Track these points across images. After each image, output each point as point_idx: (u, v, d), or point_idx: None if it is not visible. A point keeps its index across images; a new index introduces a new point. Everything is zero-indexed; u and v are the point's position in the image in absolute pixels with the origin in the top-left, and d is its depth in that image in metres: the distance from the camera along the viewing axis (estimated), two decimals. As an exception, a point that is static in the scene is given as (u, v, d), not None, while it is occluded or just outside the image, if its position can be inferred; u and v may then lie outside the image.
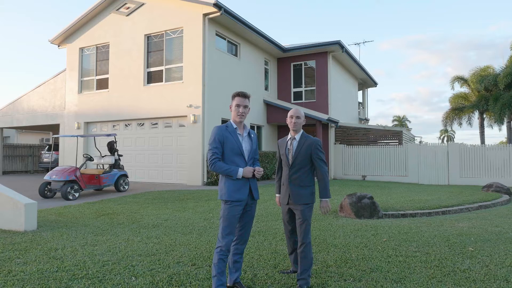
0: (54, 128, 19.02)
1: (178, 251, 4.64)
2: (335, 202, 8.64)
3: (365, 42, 25.28)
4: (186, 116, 13.22)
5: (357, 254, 4.56)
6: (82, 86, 16.10)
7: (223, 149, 3.29)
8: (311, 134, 18.32)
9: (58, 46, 16.65)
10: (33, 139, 25.65)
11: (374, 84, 25.73)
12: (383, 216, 7.17)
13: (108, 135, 10.94)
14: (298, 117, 3.72)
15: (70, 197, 9.50)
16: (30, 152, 21.57)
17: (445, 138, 63.62)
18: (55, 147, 18.68)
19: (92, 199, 9.69)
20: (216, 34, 13.92)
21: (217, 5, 12.47)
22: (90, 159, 10.78)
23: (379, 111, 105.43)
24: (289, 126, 3.75)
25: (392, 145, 16.46)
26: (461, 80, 27.11)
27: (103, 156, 11.53)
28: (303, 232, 3.51)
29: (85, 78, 16.05)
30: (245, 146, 3.39)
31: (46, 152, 19.23)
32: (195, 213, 7.51)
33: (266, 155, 15.21)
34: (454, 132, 63.64)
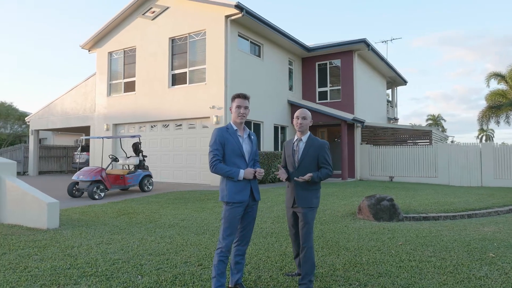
0: (86, 130, 19.76)
1: (188, 251, 4.70)
2: (355, 204, 8.46)
3: (393, 39, 24.45)
4: (209, 117, 13.37)
5: (368, 257, 4.44)
6: (111, 89, 16.65)
7: (224, 151, 3.30)
8: (336, 134, 18.06)
9: (89, 51, 17.31)
10: (68, 141, 26.77)
11: (404, 82, 24.98)
12: (403, 218, 6.94)
13: (133, 136, 11.24)
14: (304, 118, 3.66)
15: (96, 197, 9.83)
16: (64, 153, 22.54)
17: (483, 138, 60.82)
18: (87, 148, 19.43)
19: (116, 198, 9.99)
20: (239, 35, 13.99)
21: (239, 7, 12.53)
22: (116, 160, 11.12)
23: (413, 110, 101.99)
24: (295, 127, 3.70)
25: (420, 145, 15.93)
26: (498, 76, 25.83)
27: (128, 157, 11.86)
28: (304, 235, 3.46)
29: (113, 81, 16.59)
30: (246, 147, 3.38)
31: (78, 153, 20.00)
32: (212, 213, 7.57)
33: (290, 155, 15.09)
34: (493, 131, 60.65)
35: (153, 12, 15.08)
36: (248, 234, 3.43)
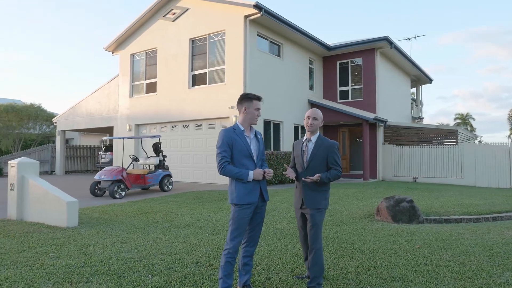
0: (110, 130, 20.22)
1: (200, 251, 4.71)
2: (374, 205, 8.26)
3: (417, 36, 23.78)
4: (228, 117, 13.41)
5: (382, 261, 4.31)
6: (133, 90, 16.98)
7: (232, 152, 3.27)
8: (358, 134, 17.76)
9: (112, 53, 17.71)
10: (94, 141, 27.50)
11: (429, 80, 24.29)
12: (423, 221, 6.73)
13: (153, 136, 11.41)
14: (315, 118, 3.60)
15: (117, 196, 10.03)
16: (89, 153, 23.18)
17: (516, 137, 58.27)
18: (111, 148, 19.89)
19: (136, 198, 10.16)
20: (258, 35, 13.97)
21: (258, 6, 12.51)
22: (136, 159, 11.32)
23: (440, 108, 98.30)
24: (305, 127, 3.66)
25: (445, 145, 15.44)
26: (530, 73, 24.73)
27: (148, 157, 12.05)
28: (312, 237, 3.39)
29: (135, 83, 16.91)
30: (253, 147, 3.35)
31: (102, 153, 20.49)
32: (229, 213, 7.57)
33: (310, 155, 14.95)
34: (526, 130, 57.95)
35: (174, 13, 15.27)
36: (257, 235, 3.39)
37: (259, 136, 3.46)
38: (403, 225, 6.45)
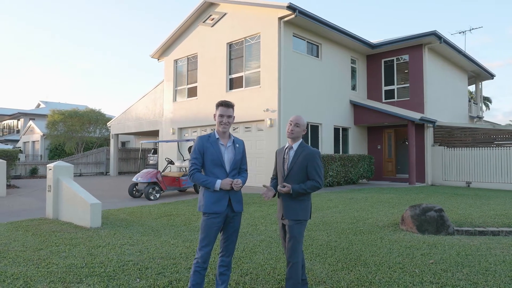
0: (156, 134, 21.12)
1: (199, 256, 4.71)
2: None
3: (472, 29, 21.98)
4: (263, 120, 13.38)
5: (383, 276, 4.01)
6: (176, 95, 17.60)
7: (203, 160, 3.25)
8: (405, 135, 16.81)
9: (158, 60, 18.51)
10: (145, 144, 28.91)
11: (490, 76, 22.34)
12: (454, 232, 6.17)
13: (187, 140, 11.72)
14: (297, 125, 3.43)
15: (152, 197, 10.43)
16: (141, 155, 24.40)
17: None
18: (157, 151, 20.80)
19: (169, 199, 10.49)
20: (294, 36, 13.79)
21: (291, 7, 12.35)
22: (171, 162, 11.69)
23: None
24: (286, 132, 3.51)
25: (505, 147, 14.07)
26: None
27: (184, 160, 12.40)
28: (289, 250, 3.24)
29: (178, 88, 17.52)
30: (228, 156, 3.29)
31: (151, 155, 21.45)
32: (250, 218, 7.53)
33: (350, 158, 14.46)
34: None
35: (213, 19, 15.59)
36: (231, 246, 3.33)
37: (237, 145, 3.39)
38: (428, 236, 5.96)
